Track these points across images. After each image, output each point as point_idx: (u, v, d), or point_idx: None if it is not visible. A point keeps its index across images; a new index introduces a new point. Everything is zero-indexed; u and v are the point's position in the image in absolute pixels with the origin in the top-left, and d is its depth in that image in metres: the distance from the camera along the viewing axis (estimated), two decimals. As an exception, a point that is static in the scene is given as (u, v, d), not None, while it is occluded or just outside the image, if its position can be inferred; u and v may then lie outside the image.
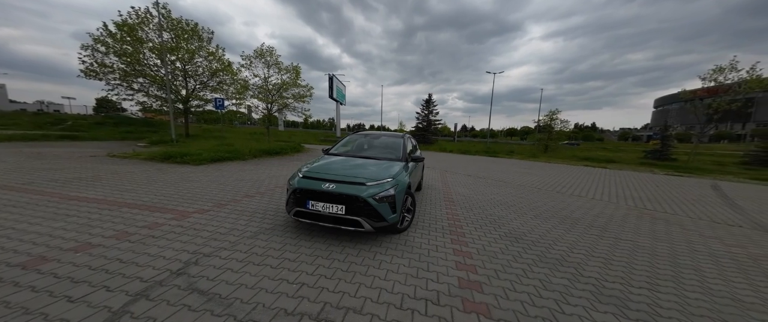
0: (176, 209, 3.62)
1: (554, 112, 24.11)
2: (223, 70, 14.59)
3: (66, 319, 1.56)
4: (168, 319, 1.61)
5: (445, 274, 2.39)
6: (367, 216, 2.67)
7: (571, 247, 3.20)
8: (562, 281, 2.40)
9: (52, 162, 6.61)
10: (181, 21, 13.67)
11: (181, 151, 7.66)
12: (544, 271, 2.57)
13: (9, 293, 1.74)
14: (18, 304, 1.65)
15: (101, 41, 12.22)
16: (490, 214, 4.37)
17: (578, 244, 3.31)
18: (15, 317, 1.55)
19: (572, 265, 2.73)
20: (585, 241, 3.44)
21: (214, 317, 1.65)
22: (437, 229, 3.46)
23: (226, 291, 1.92)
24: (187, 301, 1.78)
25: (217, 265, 2.26)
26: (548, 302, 2.07)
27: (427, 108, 28.60)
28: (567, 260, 2.84)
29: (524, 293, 2.18)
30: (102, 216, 3.21)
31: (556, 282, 2.38)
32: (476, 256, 2.79)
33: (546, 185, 7.76)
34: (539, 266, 2.65)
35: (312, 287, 2.04)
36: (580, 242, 3.37)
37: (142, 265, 2.19)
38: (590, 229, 3.93)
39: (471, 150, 21.07)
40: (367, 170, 3.10)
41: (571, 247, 3.20)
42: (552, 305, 2.04)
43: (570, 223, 4.16)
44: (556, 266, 2.67)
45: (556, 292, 2.23)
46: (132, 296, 1.79)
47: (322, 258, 2.50)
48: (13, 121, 20.53)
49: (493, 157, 17.77)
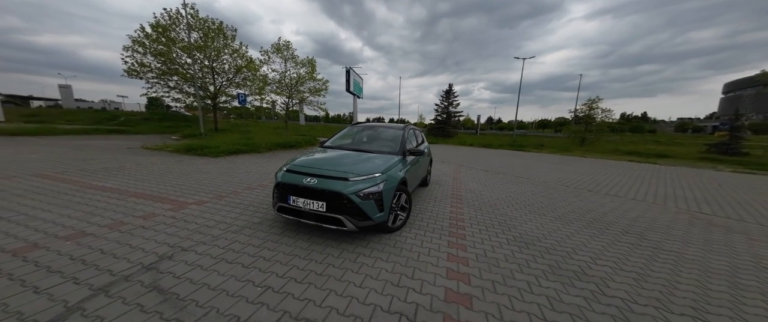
0: (177, 200, 3.70)
1: (594, 101, 21.69)
2: (246, 67, 15.10)
3: (21, 312, 1.54)
4: (116, 319, 1.53)
5: (431, 283, 2.08)
6: (350, 214, 2.43)
7: (595, 257, 2.69)
8: (576, 300, 1.97)
9: (91, 153, 7.30)
10: (208, 20, 14.30)
11: (201, 144, 8.05)
12: (555, 285, 2.15)
13: None
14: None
15: (139, 42, 13.23)
16: (501, 214, 3.90)
17: (605, 253, 2.78)
18: (-20, 307, 1.57)
19: (593, 280, 2.27)
20: (614, 250, 2.88)
21: (161, 321, 1.54)
22: (435, 229, 3.13)
23: (186, 291, 1.81)
24: (143, 300, 1.70)
25: (190, 261, 2.19)
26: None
27: (447, 99, 27.29)
28: (587, 273, 2.37)
29: (523, 313, 1.81)
30: (108, 205, 3.36)
31: (568, 301, 1.96)
32: (473, 263, 2.43)
33: (576, 182, 6.92)
34: (550, 279, 2.23)
35: (277, 292, 1.87)
36: (607, 252, 2.83)
37: (120, 257, 2.19)
38: (624, 235, 3.32)
39: (494, 143, 19.85)
40: (355, 164, 2.84)
41: (595, 257, 2.69)
42: (556, 333, 1.66)
43: (598, 227, 3.57)
44: (572, 281, 2.23)
45: (565, 314, 1.82)
46: (93, 291, 1.76)
47: (300, 258, 2.32)
48: (77, 117, 23.43)
49: (518, 152, 16.54)
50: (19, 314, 1.53)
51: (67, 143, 9.22)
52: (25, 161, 5.71)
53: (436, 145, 17.95)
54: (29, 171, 4.85)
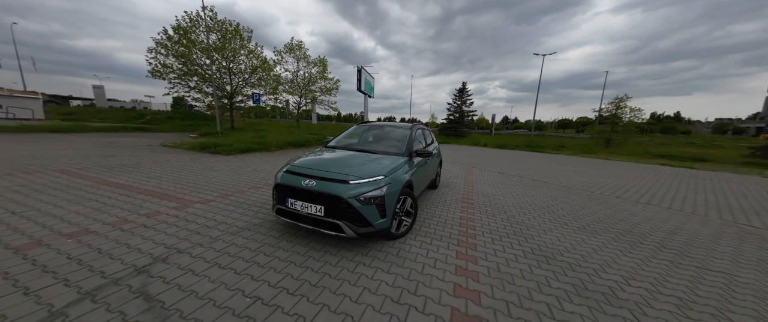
0: (183, 198, 3.70)
1: (621, 99, 20.32)
2: (261, 67, 15.40)
3: (4, 315, 1.50)
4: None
5: (436, 301, 1.87)
6: (350, 220, 2.26)
7: (627, 276, 2.36)
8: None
9: (113, 150, 7.63)
10: (225, 22, 14.70)
11: (215, 142, 8.22)
12: (581, 310, 1.88)
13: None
14: (-18, 292, 1.67)
15: (162, 45, 13.81)
16: (517, 222, 3.60)
17: (639, 272, 2.44)
18: (-31, 307, 1.54)
19: (626, 305, 1.96)
20: (650, 268, 2.53)
21: (141, 332, 1.44)
22: (443, 237, 2.89)
23: (173, 299, 1.71)
24: (127, 308, 1.62)
25: (183, 264, 2.11)
26: (578, 367, 1.42)
27: (460, 98, 26.49)
28: (619, 296, 2.07)
29: (543, 345, 1.56)
30: (116, 202, 3.40)
31: (596, 331, 1.69)
32: (485, 278, 2.19)
33: (601, 187, 6.40)
34: (574, 302, 1.95)
35: (266, 304, 1.73)
36: (642, 270, 2.48)
37: (115, 258, 2.14)
38: (660, 251, 2.94)
39: (509, 144, 19.06)
40: (357, 166, 2.66)
41: (628, 276, 2.36)
42: (583, 372, 1.40)
43: (631, 240, 3.19)
44: (601, 305, 1.94)
45: (593, 349, 1.55)
46: (80, 295, 1.69)
47: (295, 266, 2.18)
48: (108, 115, 24.99)
49: (535, 153, 15.77)
50: (3, 318, 1.48)
51: (94, 140, 9.75)
52: (51, 157, 6.02)
53: (447, 146, 17.51)
54: (53, 167, 5.08)
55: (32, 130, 11.64)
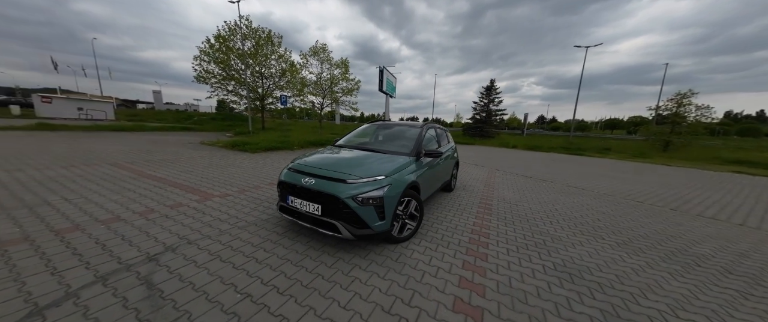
0: (205, 192, 3.96)
1: (685, 95, 17.63)
2: (289, 70, 16.22)
3: (30, 292, 1.67)
4: (98, 312, 1.55)
5: (431, 315, 1.70)
6: (346, 220, 2.18)
7: (676, 304, 1.95)
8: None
9: (160, 146, 8.53)
10: (259, 29, 15.75)
11: (243, 141, 8.79)
12: (607, 343, 1.57)
13: (23, 257, 2.03)
14: (20, 267, 1.90)
15: (205, 52, 15.23)
16: (541, 232, 3.22)
17: (693, 301, 2.01)
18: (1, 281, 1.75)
19: (669, 343, 1.60)
20: (709, 296, 2.07)
21: (134, 321, 1.51)
22: (450, 244, 2.68)
23: (171, 289, 1.78)
24: (130, 294, 1.71)
25: (189, 255, 2.21)
26: None
27: (487, 96, 25.00)
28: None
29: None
30: (149, 193, 3.74)
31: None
32: (492, 294, 1.95)
33: (653, 196, 5.55)
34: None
35: (254, 302, 1.72)
36: (697, 299, 2.04)
37: (134, 245, 2.32)
38: (724, 277, 2.40)
39: (543, 145, 17.57)
40: (358, 165, 2.57)
41: (678, 305, 1.95)
42: None
43: (684, 261, 2.66)
44: (634, 340, 1.61)
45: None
46: (95, 279, 1.84)
47: (291, 264, 2.16)
48: (163, 117, 28.22)
49: (574, 156, 14.34)
50: (28, 294, 1.65)
51: (148, 138, 11.02)
52: (109, 152, 6.90)
53: (471, 147, 16.69)
54: (108, 160, 5.81)
55: (102, 129, 13.56)
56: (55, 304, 1.59)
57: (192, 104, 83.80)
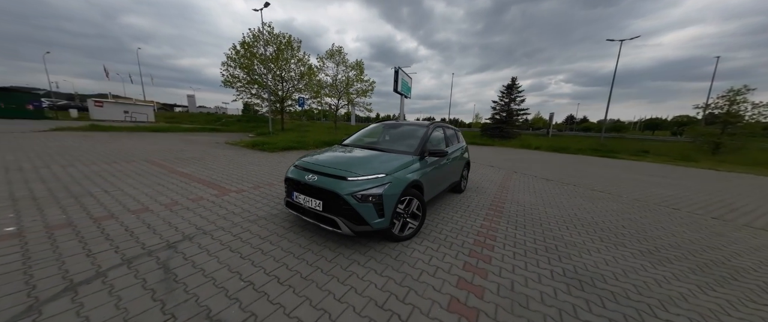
0: (224, 187, 4.22)
1: (738, 91, 15.77)
2: (307, 73, 16.81)
3: (67, 270, 1.90)
4: (121, 291, 1.73)
5: (424, 312, 1.70)
6: (346, 217, 2.24)
7: (699, 320, 1.77)
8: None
9: (190, 145, 9.22)
10: (280, 35, 16.50)
11: (263, 141, 9.23)
12: (613, 355, 1.46)
13: (65, 240, 2.31)
14: (62, 248, 2.17)
15: (231, 58, 16.23)
16: (554, 236, 3.06)
17: (723, 317, 1.81)
18: (44, 258, 2.01)
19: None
20: (743, 313, 1.85)
21: (150, 300, 1.66)
22: (453, 245, 2.63)
23: (184, 274, 1.94)
24: (150, 276, 1.89)
25: (203, 244, 2.38)
26: None
27: (508, 95, 23.87)
28: (677, 346, 1.55)
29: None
30: (176, 187, 4.07)
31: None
32: (490, 296, 1.90)
33: (693, 203, 5.05)
34: (604, 344, 1.54)
35: (256, 290, 1.82)
36: (728, 315, 1.83)
37: (157, 233, 2.55)
38: (766, 293, 2.13)
39: (570, 147, 16.47)
40: (359, 163, 2.62)
41: (701, 320, 1.77)
42: None
43: (719, 275, 2.40)
44: (644, 354, 1.48)
45: None
46: (121, 261, 2.05)
47: (293, 257, 2.26)
48: (196, 119, 30.37)
49: (605, 159, 13.36)
50: (65, 272, 1.88)
51: (181, 138, 11.95)
52: (147, 151, 7.59)
53: (489, 148, 16.11)
54: (144, 157, 6.39)
55: (143, 130, 14.92)
56: (86, 281, 1.80)
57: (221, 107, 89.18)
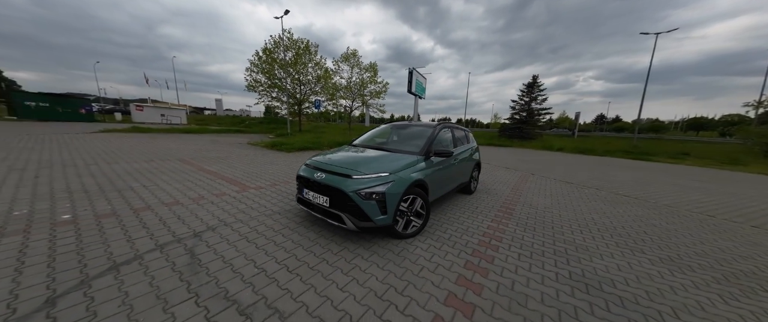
0: (244, 184, 4.54)
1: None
2: (323, 76, 17.37)
3: (111, 252, 2.20)
4: (154, 272, 1.98)
5: (420, 304, 1.78)
6: (351, 213, 2.36)
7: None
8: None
9: (216, 146, 9.89)
10: (298, 40, 17.21)
11: (281, 142, 9.68)
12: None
13: (110, 227, 2.65)
14: (108, 234, 2.49)
15: (254, 64, 17.17)
16: (565, 240, 2.99)
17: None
18: (93, 242, 2.33)
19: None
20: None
21: (178, 281, 1.89)
22: (456, 244, 2.67)
23: (207, 259, 2.17)
24: (178, 260, 2.14)
25: (224, 235, 2.62)
26: None
27: (528, 94, 22.86)
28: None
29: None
30: (203, 183, 4.44)
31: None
32: (489, 294, 1.93)
33: (732, 210, 4.65)
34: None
35: (268, 276, 2.00)
36: None
37: (185, 223, 2.84)
38: (801, 309, 1.96)
39: (597, 149, 15.50)
40: (365, 163, 2.74)
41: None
42: None
43: (747, 285, 2.25)
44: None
45: None
46: (155, 246, 2.33)
47: (302, 249, 2.42)
48: (223, 121, 32.27)
49: (637, 161, 12.47)
50: (110, 254, 2.18)
51: (208, 139, 12.83)
52: (179, 150, 8.26)
53: (507, 149, 15.59)
54: (177, 156, 6.99)
55: (176, 131, 16.18)
56: (126, 262, 2.08)
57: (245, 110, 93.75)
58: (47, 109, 21.06)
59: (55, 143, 8.27)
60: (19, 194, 3.50)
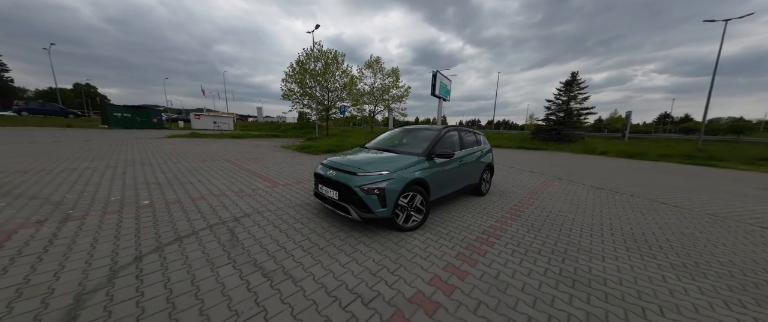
0: (275, 181, 5.23)
1: None
2: (349, 84, 18.34)
3: (176, 228, 2.88)
4: (206, 244, 2.58)
5: (407, 282, 2.08)
6: (356, 205, 2.75)
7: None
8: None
9: (255, 148, 11.13)
10: (327, 51, 18.47)
11: (309, 145, 10.54)
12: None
13: (175, 211, 3.40)
14: (174, 216, 3.22)
15: (289, 75, 18.83)
16: (569, 241, 3.01)
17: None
18: (164, 220, 3.04)
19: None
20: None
21: (221, 251, 2.45)
22: (453, 239, 2.89)
23: (242, 237, 2.73)
24: (222, 236, 2.72)
25: (256, 220, 3.19)
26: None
27: (566, 92, 21.00)
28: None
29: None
30: (242, 180, 5.23)
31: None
32: (472, 279, 2.15)
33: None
34: None
35: (286, 252, 2.47)
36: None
37: (229, 210, 3.49)
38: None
39: (650, 153, 13.81)
40: (370, 162, 3.11)
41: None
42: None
43: (765, 294, 2.12)
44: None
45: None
46: (206, 226, 2.97)
47: (316, 234, 2.86)
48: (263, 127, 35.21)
49: (701, 167, 10.96)
50: (176, 230, 2.86)
51: (249, 143, 14.39)
52: (226, 152, 9.54)
53: (538, 153, 14.62)
54: (222, 157, 8.13)
55: (225, 136, 18.35)
56: (186, 236, 2.72)
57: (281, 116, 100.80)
58: (129, 119, 25.35)
59: (136, 146, 10.12)
60: (114, 185, 4.55)
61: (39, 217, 3.02)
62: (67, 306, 1.68)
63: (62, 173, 5.17)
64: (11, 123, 18.72)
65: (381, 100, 19.63)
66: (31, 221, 2.91)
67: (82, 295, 1.78)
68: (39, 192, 3.90)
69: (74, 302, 1.71)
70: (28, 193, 3.84)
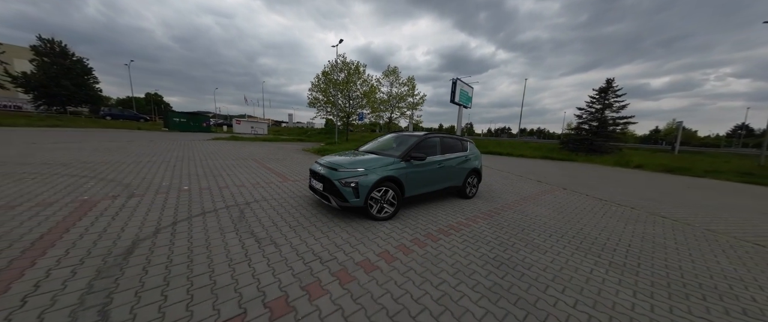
0: (287, 177, 6.11)
1: None
2: (368, 93, 19.43)
3: (203, 206, 3.78)
4: (221, 219, 3.41)
5: (360, 253, 2.64)
6: (335, 195, 3.39)
7: (595, 304, 2.03)
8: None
9: (279, 151, 12.44)
10: (350, 63, 19.82)
11: (326, 148, 11.51)
12: (492, 307, 2.05)
13: (207, 196, 4.35)
14: (203, 200, 4.16)
15: (315, 85, 20.50)
16: (523, 239, 3.32)
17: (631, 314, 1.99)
18: (197, 201, 3.97)
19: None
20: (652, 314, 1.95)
21: (231, 223, 3.25)
22: (417, 228, 3.38)
23: (249, 216, 3.52)
24: (234, 215, 3.55)
25: (263, 206, 3.99)
26: None
27: (601, 100, 19.49)
28: (532, 308, 1.96)
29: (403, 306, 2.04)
30: (261, 175, 6.20)
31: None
32: (412, 256, 2.65)
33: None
34: (483, 294, 2.11)
35: (277, 228, 3.18)
36: (642, 314, 1.98)
37: (244, 196, 4.37)
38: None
39: (695, 168, 12.45)
40: (352, 162, 3.72)
41: (601, 305, 2.03)
42: None
43: (693, 293, 2.31)
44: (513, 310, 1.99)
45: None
46: (224, 206, 3.83)
47: (304, 218, 3.55)
48: (292, 132, 37.98)
49: (754, 186, 9.78)
50: (202, 207, 3.76)
51: (277, 145, 15.95)
52: (256, 153, 10.88)
53: (561, 164, 13.90)
54: (251, 158, 9.38)
55: (259, 140, 20.42)
56: (209, 212, 3.59)
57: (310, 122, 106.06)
58: (185, 123, 29.31)
59: (187, 147, 11.99)
60: (166, 175, 5.78)
61: (114, 193, 4.15)
62: (128, 246, 2.54)
63: (131, 164, 6.62)
64: (100, 125, 22.97)
65: (396, 108, 20.56)
66: (109, 195, 4.03)
67: (137, 241, 2.65)
68: (115, 177, 5.19)
69: (132, 244, 2.58)
70: (108, 177, 5.15)
